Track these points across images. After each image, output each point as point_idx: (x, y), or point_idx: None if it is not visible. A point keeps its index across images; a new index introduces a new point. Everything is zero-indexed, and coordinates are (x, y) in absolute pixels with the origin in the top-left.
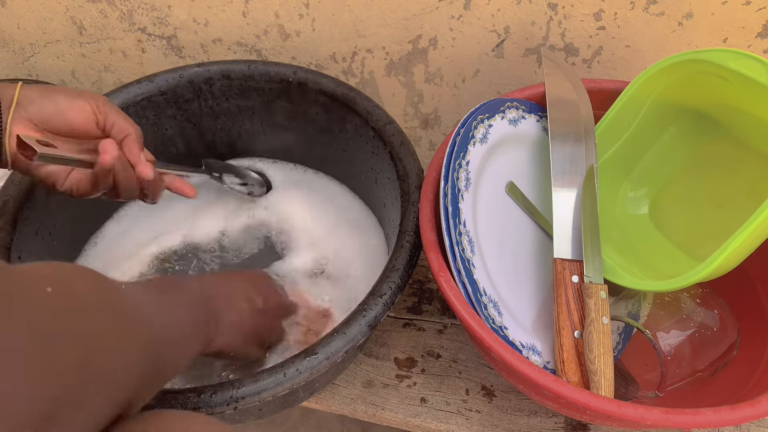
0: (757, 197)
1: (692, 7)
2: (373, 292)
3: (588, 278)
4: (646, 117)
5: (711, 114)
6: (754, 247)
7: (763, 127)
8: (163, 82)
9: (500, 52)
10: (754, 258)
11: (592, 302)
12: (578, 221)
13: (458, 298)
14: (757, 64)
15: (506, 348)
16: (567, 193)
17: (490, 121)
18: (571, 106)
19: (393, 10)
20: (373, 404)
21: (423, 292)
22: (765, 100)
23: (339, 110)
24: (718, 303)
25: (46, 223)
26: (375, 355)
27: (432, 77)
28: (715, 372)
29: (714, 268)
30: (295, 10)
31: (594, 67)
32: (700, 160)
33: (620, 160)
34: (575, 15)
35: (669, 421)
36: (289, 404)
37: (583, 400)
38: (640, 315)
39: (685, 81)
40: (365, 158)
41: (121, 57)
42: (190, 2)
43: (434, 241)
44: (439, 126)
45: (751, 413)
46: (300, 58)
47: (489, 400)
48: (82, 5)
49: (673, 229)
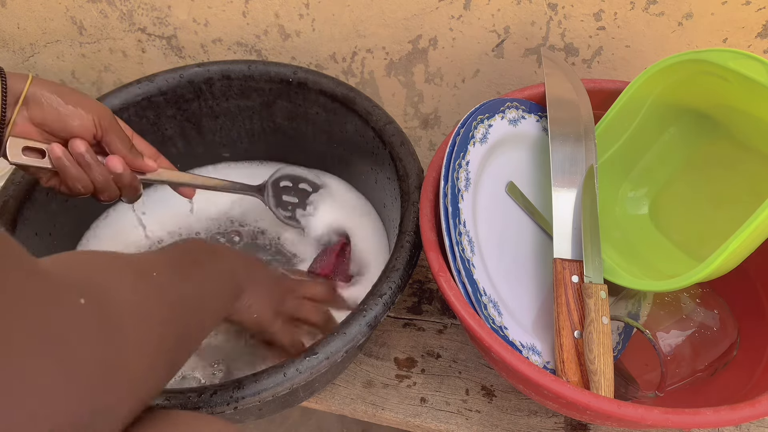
0: (757, 197)
1: (692, 7)
2: (373, 292)
3: (588, 278)
4: (646, 117)
5: (711, 114)
6: (755, 247)
7: (763, 127)
8: (163, 82)
9: (500, 52)
10: (754, 258)
11: (592, 302)
12: (578, 221)
13: (458, 298)
14: (757, 64)
15: (506, 348)
16: (567, 193)
17: (490, 121)
18: (571, 106)
19: (393, 10)
20: (373, 404)
21: (423, 292)
22: (765, 100)
23: (339, 110)
24: (718, 303)
25: (46, 223)
26: (375, 355)
27: (432, 77)
28: (715, 372)
29: (714, 268)
30: (295, 10)
31: (594, 67)
32: (700, 160)
33: (620, 160)
34: (575, 15)
35: (669, 421)
36: (289, 404)
37: (583, 400)
38: (640, 315)
39: (685, 81)
40: (365, 158)
41: (121, 57)
42: (190, 2)
43: (434, 241)
44: (439, 126)
45: (751, 413)
46: (300, 58)
47: (489, 400)
48: (82, 5)
49: (673, 229)
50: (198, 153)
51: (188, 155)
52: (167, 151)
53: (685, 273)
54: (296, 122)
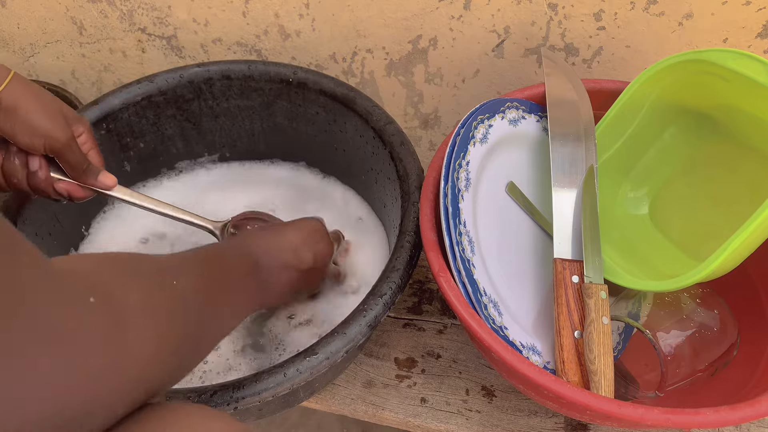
0: (757, 197)
1: (692, 7)
2: (373, 292)
3: (588, 278)
4: (646, 117)
5: (711, 114)
6: (755, 246)
7: (763, 126)
8: (163, 82)
9: (500, 52)
10: (754, 258)
11: (593, 302)
12: (578, 221)
13: (458, 298)
14: (757, 64)
15: (506, 348)
16: (567, 193)
17: (491, 121)
18: (571, 106)
19: (393, 10)
20: (373, 404)
21: (423, 292)
22: (765, 100)
23: (339, 110)
24: (719, 303)
25: (46, 223)
26: (375, 355)
27: (432, 77)
28: (716, 372)
29: (714, 268)
30: (295, 10)
31: (594, 67)
32: (700, 160)
33: (620, 160)
34: (575, 15)
35: (669, 421)
36: (289, 404)
37: (583, 400)
38: (640, 315)
39: (685, 81)
40: (365, 158)
41: (121, 57)
42: (190, 2)
43: (434, 241)
44: (439, 126)
45: (751, 413)
46: (300, 58)
47: (489, 400)
48: (82, 5)
49: (673, 229)
50: (198, 153)
51: (188, 155)
52: (167, 150)
53: (686, 273)
54: (296, 122)
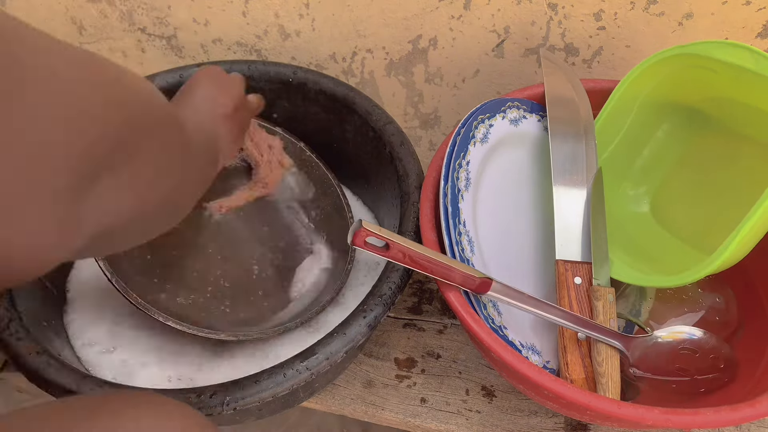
0: (757, 185)
1: (692, 7)
2: (373, 292)
3: (597, 281)
4: (639, 115)
5: (702, 108)
6: (762, 234)
7: (755, 114)
8: (162, 82)
9: (500, 52)
10: (755, 256)
11: (601, 305)
12: (583, 223)
13: (458, 298)
14: (743, 52)
15: (506, 348)
16: (568, 192)
17: (491, 120)
18: (570, 106)
19: (393, 10)
20: (373, 404)
21: (423, 292)
22: (754, 86)
23: (339, 110)
24: (722, 293)
25: None
26: (375, 355)
27: (432, 77)
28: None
29: (724, 258)
30: (295, 10)
31: (594, 67)
32: (696, 154)
33: (617, 160)
34: (575, 15)
35: (669, 422)
36: (289, 404)
37: (583, 400)
38: (642, 312)
39: (674, 77)
40: (365, 158)
41: (121, 57)
42: (190, 2)
43: (434, 241)
44: (439, 126)
45: (751, 413)
46: (300, 58)
47: (489, 400)
48: (82, 5)
49: (677, 224)
50: None
51: None
52: None
53: (694, 266)
54: (296, 122)
